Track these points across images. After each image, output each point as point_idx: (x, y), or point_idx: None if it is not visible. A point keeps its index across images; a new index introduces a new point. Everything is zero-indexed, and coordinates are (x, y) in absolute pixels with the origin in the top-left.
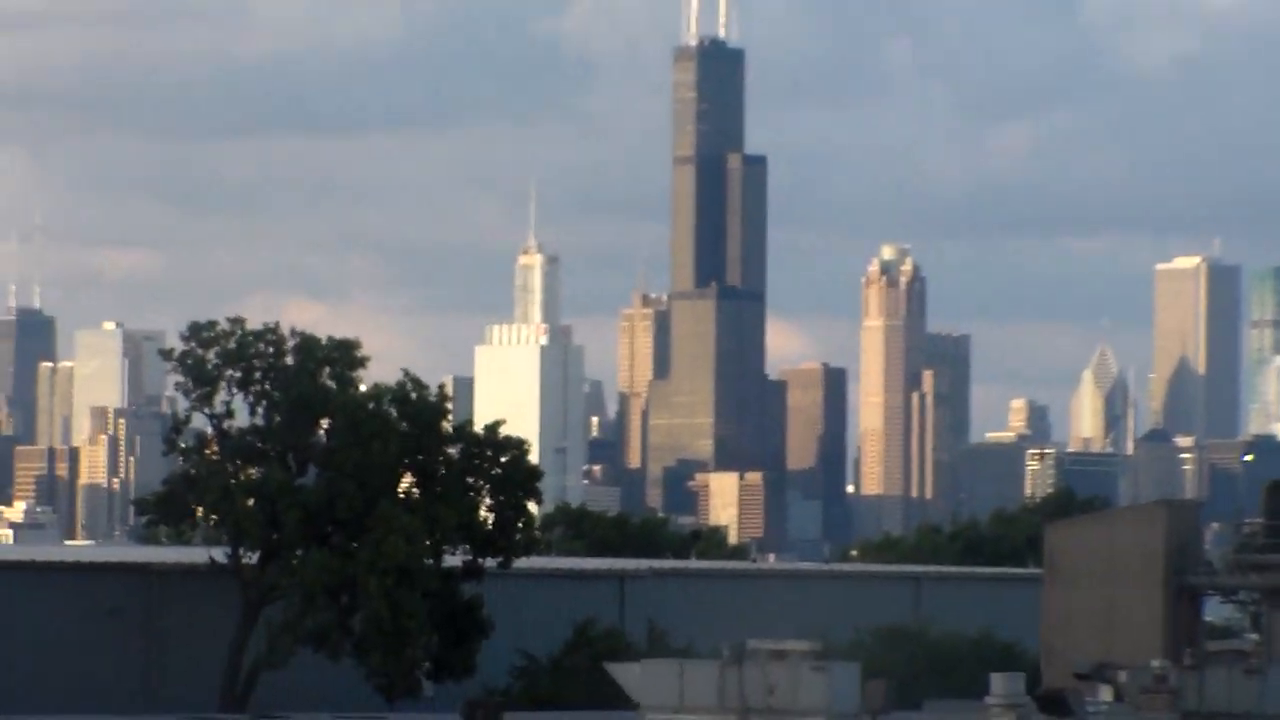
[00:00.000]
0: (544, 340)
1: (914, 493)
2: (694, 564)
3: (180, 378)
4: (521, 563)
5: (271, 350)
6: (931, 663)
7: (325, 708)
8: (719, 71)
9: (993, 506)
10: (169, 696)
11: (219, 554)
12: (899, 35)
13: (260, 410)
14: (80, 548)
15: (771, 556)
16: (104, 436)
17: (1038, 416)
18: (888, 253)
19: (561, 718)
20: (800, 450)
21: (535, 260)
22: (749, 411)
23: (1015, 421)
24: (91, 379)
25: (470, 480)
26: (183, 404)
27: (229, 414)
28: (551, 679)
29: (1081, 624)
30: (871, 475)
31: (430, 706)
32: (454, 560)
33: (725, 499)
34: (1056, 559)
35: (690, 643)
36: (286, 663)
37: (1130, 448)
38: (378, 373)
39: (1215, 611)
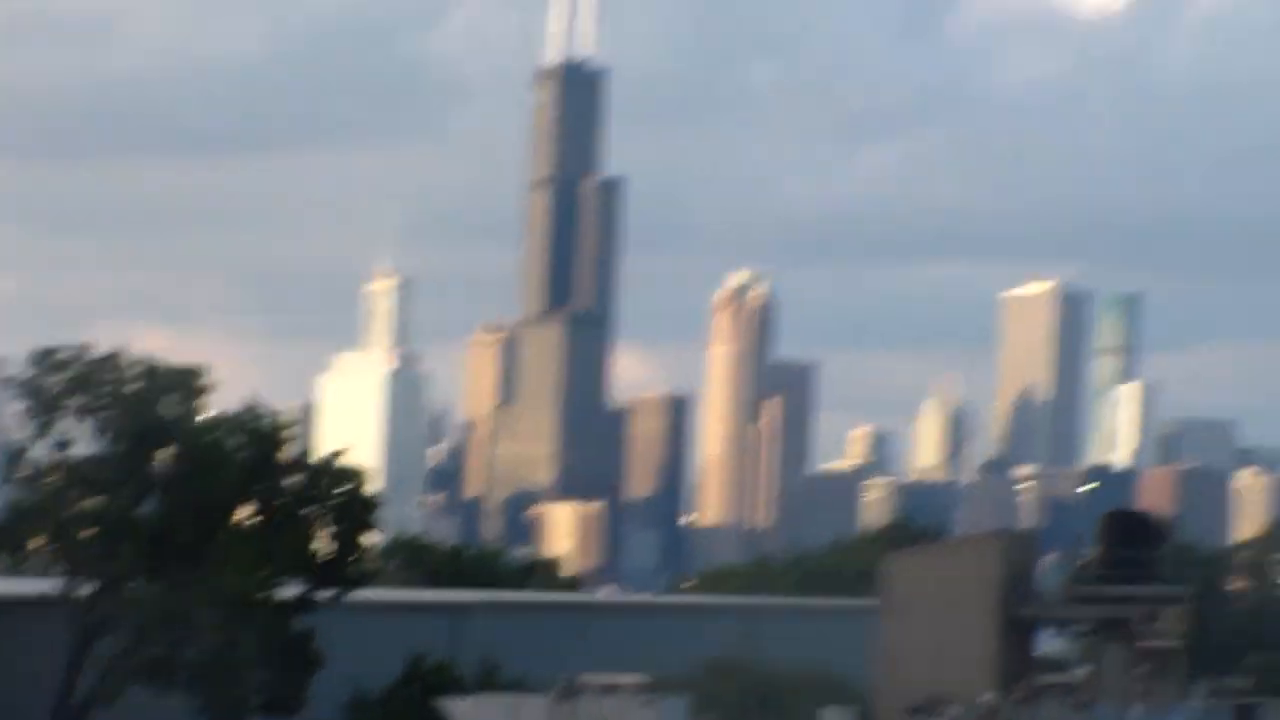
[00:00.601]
0: (392, 367)
1: (751, 523)
2: (529, 596)
3: (24, 403)
4: (356, 595)
5: (115, 377)
6: (762, 696)
7: None
8: (580, 93)
9: (830, 536)
10: None
11: (51, 586)
12: (763, 57)
13: (105, 439)
14: None
15: (607, 588)
16: None
17: (879, 445)
18: (740, 278)
19: None
20: (641, 479)
21: (386, 285)
22: (591, 440)
23: (855, 450)
24: None
25: (308, 511)
26: (23, 433)
27: (69, 443)
28: (382, 714)
29: (915, 656)
30: (711, 504)
31: None
32: (289, 592)
33: (564, 529)
34: (891, 590)
35: (523, 676)
36: (118, 698)
37: (969, 477)
38: (225, 399)
39: (1047, 643)
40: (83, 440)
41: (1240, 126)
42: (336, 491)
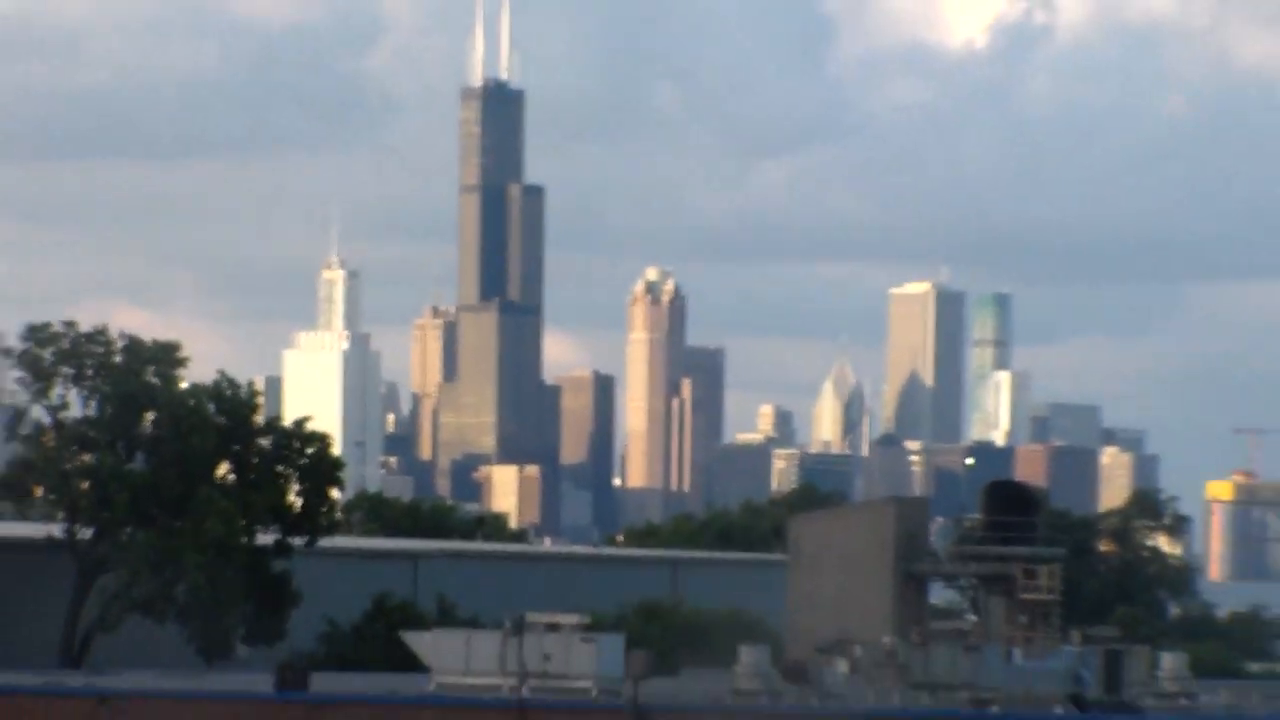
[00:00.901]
0: (345, 346)
1: (673, 486)
2: (479, 546)
3: (20, 373)
4: (325, 542)
5: (102, 350)
6: (687, 636)
7: (152, 667)
8: (502, 110)
9: (743, 499)
10: (11, 656)
11: (56, 530)
12: (665, 80)
13: (93, 403)
14: None
15: (547, 540)
16: None
17: (783, 421)
18: (652, 274)
19: (362, 679)
20: (573, 447)
21: (338, 275)
22: (527, 412)
23: (763, 425)
24: None
25: (280, 469)
26: (22, 397)
27: (64, 406)
28: (353, 645)
29: (822, 604)
30: (636, 470)
31: (245, 667)
32: (266, 539)
33: (506, 489)
34: (799, 547)
35: (476, 615)
36: (117, 627)
37: (865, 450)
38: (197, 372)
39: (939, 595)
40: (75, 404)
41: (1092, 149)
42: (306, 452)
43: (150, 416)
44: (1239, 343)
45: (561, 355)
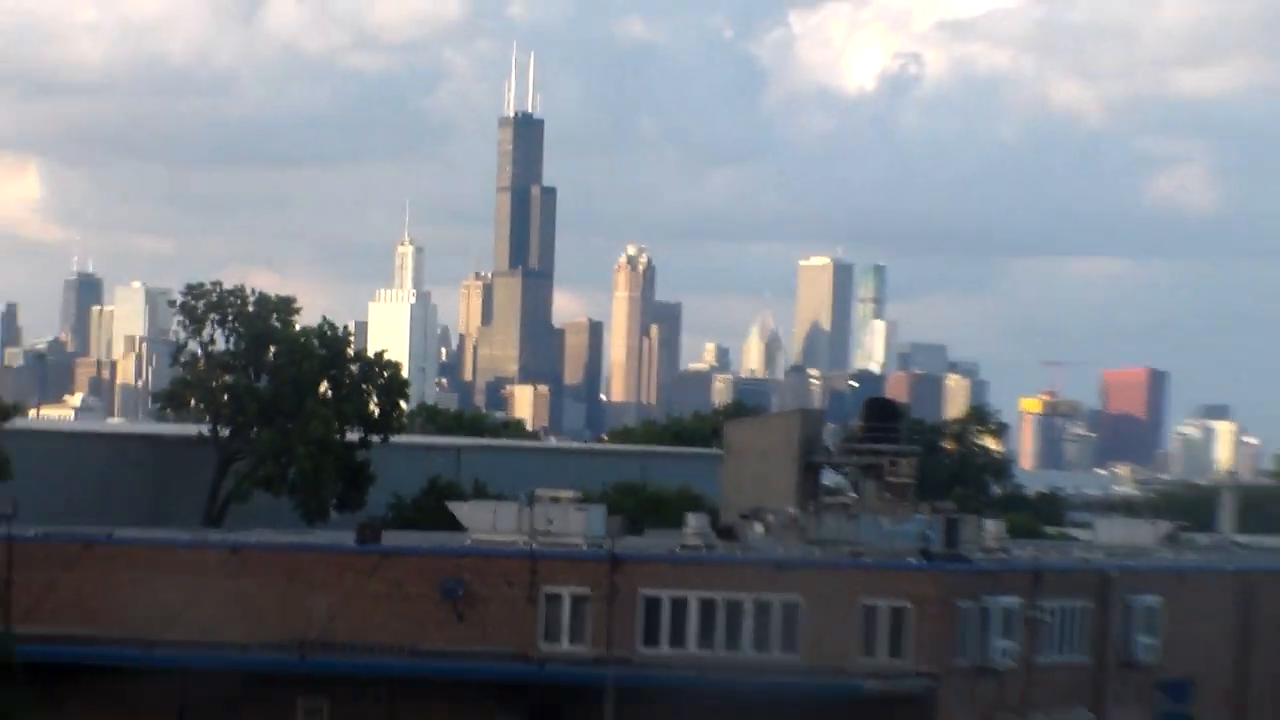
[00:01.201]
0: (413, 300)
1: (644, 401)
2: (504, 442)
3: (181, 318)
4: (395, 439)
5: (239, 302)
6: (651, 507)
7: (270, 527)
8: (528, 133)
9: (693, 411)
10: (171, 517)
11: (204, 430)
12: (646, 112)
13: (232, 340)
14: (117, 423)
15: (553, 439)
16: (133, 354)
17: (722, 355)
18: (631, 250)
19: (420, 537)
20: (573, 372)
21: (409, 249)
22: (541, 347)
23: (709, 358)
24: (125, 318)
25: (364, 386)
26: (182, 335)
27: (212, 342)
28: (412, 513)
29: (747, 485)
30: (618, 389)
31: (335, 528)
32: (353, 437)
33: (524, 402)
34: (731, 445)
35: (501, 492)
36: (246, 499)
37: (780, 376)
38: (306, 318)
39: (830, 479)
40: (220, 341)
41: (949, 164)
42: (383, 375)
43: (272, 350)
44: (1048, 301)
45: (566, 307)
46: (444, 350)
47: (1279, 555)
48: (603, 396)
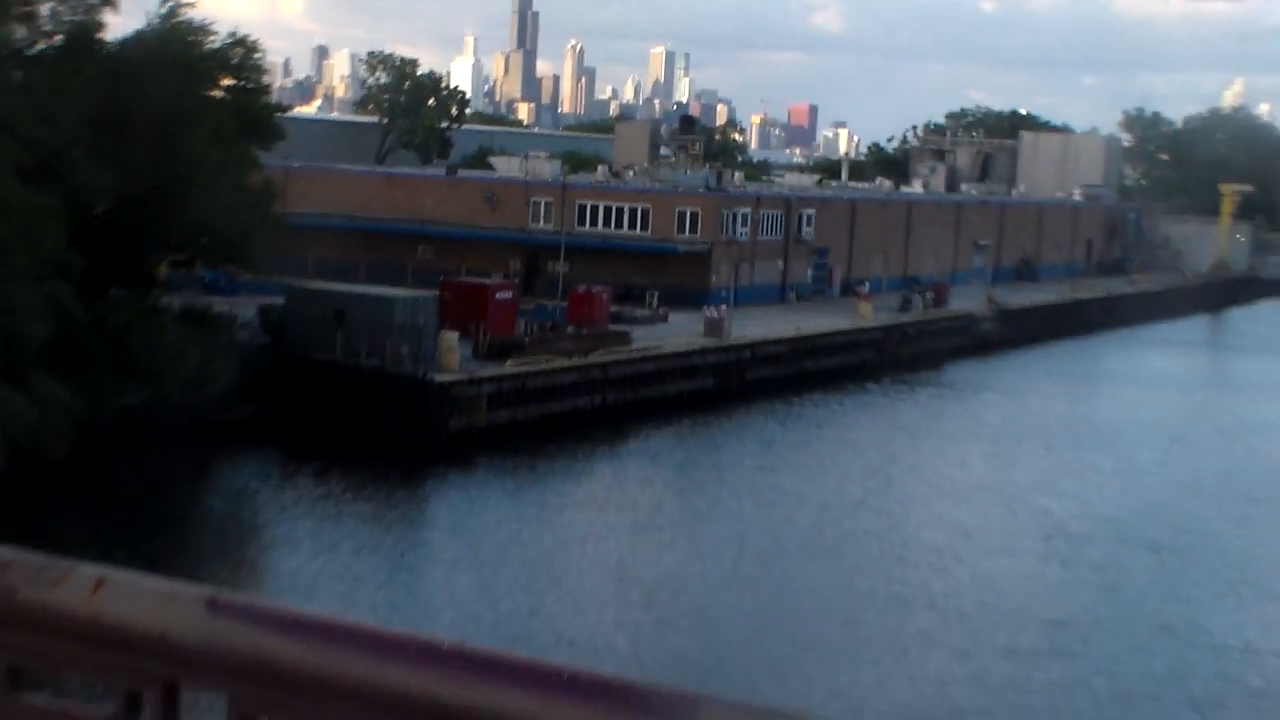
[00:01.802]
0: None
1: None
2: (514, 130)
3: None
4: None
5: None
6: (580, 164)
7: (408, 164)
8: None
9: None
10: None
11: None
12: None
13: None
14: None
15: (536, 127)
16: None
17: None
18: None
19: (475, 172)
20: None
21: None
22: None
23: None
24: None
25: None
26: None
27: None
28: (472, 163)
29: (635, 159)
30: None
31: (435, 166)
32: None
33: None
34: (619, 134)
35: (513, 152)
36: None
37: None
38: None
39: (665, 153)
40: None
41: None
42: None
43: None
44: None
45: None
46: None
47: (874, 191)
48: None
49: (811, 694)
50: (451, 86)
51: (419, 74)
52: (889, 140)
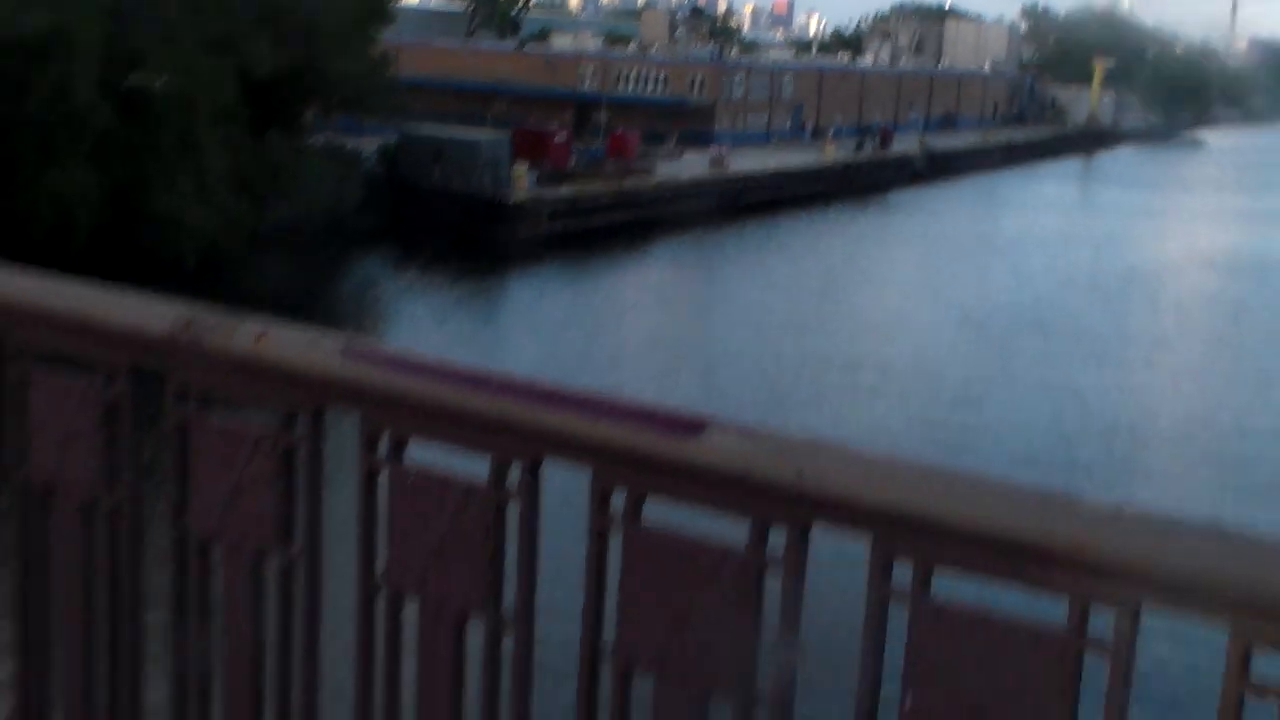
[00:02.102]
0: None
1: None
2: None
3: None
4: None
5: None
6: None
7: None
8: None
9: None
10: None
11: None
12: None
13: None
14: None
15: None
16: None
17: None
18: None
19: None
20: None
21: None
22: None
23: None
24: None
25: None
26: None
27: None
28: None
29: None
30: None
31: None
32: None
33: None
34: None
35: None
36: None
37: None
38: None
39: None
40: None
41: None
42: None
43: None
44: None
45: None
46: None
47: (837, 63)
48: None
49: (790, 422)
50: None
51: None
52: (849, 23)
